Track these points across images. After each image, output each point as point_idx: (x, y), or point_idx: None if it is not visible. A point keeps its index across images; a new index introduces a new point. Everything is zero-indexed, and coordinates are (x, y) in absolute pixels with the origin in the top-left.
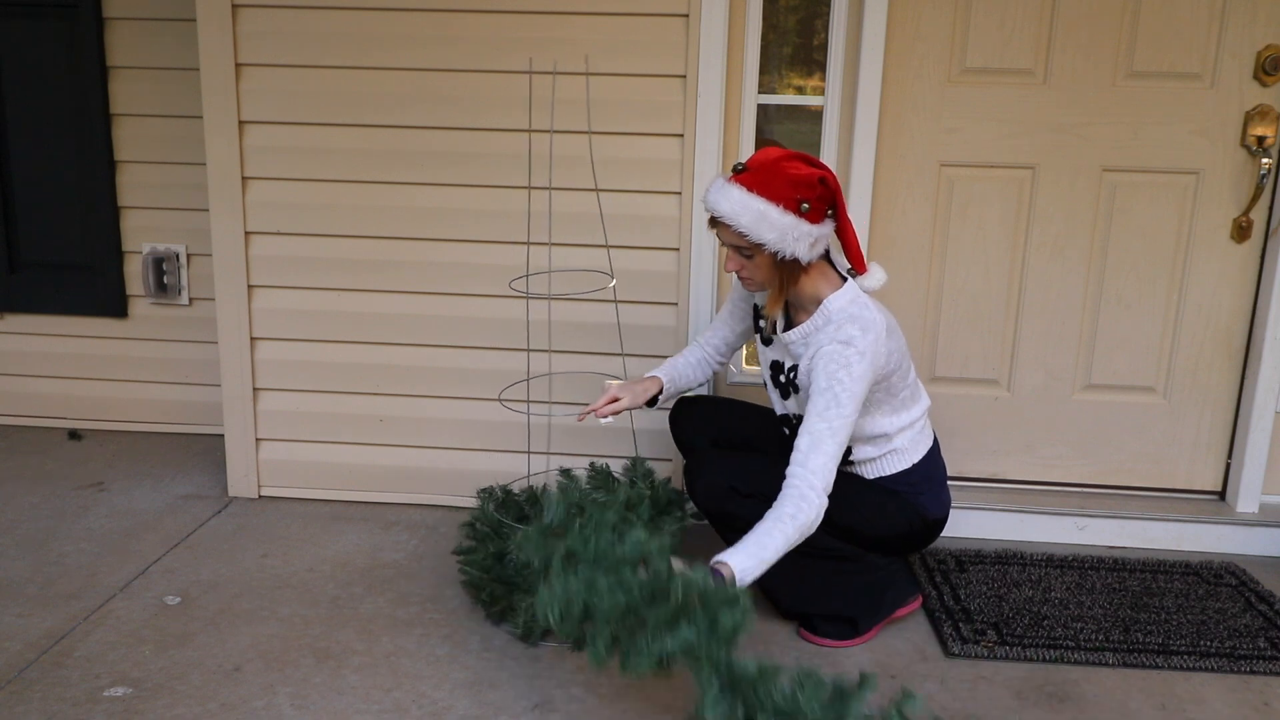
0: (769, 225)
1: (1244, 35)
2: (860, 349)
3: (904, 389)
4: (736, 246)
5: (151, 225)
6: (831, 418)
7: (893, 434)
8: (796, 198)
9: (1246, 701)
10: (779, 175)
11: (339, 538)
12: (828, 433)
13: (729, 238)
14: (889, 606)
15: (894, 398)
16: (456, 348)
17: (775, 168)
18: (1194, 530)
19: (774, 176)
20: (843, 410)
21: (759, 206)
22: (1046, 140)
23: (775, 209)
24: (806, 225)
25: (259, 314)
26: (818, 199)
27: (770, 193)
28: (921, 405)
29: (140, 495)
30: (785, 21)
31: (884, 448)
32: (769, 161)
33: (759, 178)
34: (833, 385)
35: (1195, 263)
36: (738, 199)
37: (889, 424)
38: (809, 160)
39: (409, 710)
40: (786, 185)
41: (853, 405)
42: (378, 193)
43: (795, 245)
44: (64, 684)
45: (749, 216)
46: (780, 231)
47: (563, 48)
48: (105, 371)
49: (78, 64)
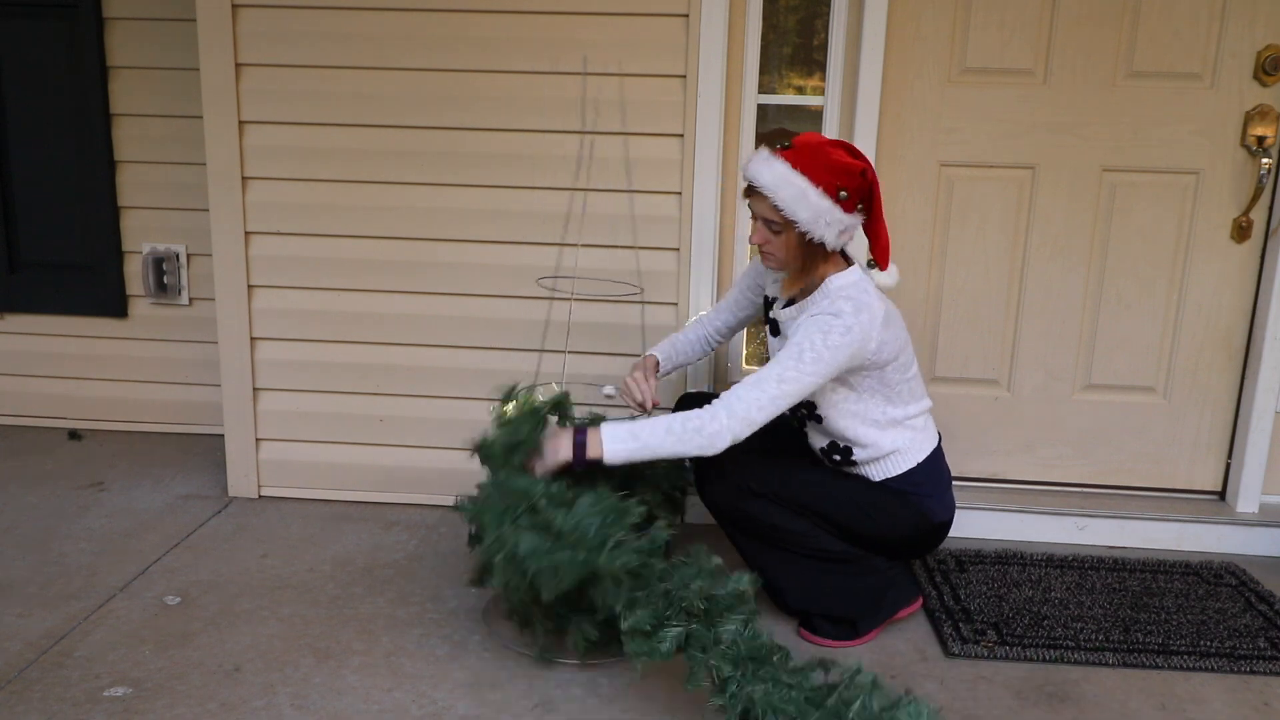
0: (806, 204)
1: (1244, 35)
2: (847, 324)
3: (900, 383)
4: (768, 220)
5: (151, 225)
6: (786, 366)
7: (886, 425)
8: (837, 184)
9: (1246, 701)
10: (823, 158)
11: (339, 538)
12: (774, 377)
13: (763, 210)
14: (890, 608)
15: (888, 388)
16: (456, 348)
17: (820, 150)
18: (1194, 530)
19: (818, 158)
20: (801, 367)
21: (800, 184)
22: (1046, 140)
23: (815, 190)
24: (840, 212)
25: (259, 314)
26: (855, 189)
27: (812, 173)
28: (920, 404)
29: (140, 495)
30: (785, 21)
31: (883, 448)
32: (814, 144)
33: (803, 157)
34: (802, 343)
35: (1195, 263)
36: (780, 172)
37: (880, 413)
38: (852, 150)
39: (409, 710)
40: (829, 170)
41: (814, 369)
42: (377, 193)
43: (826, 230)
44: (64, 684)
45: (789, 192)
46: (815, 213)
47: (564, 48)
48: (105, 371)
49: (78, 64)
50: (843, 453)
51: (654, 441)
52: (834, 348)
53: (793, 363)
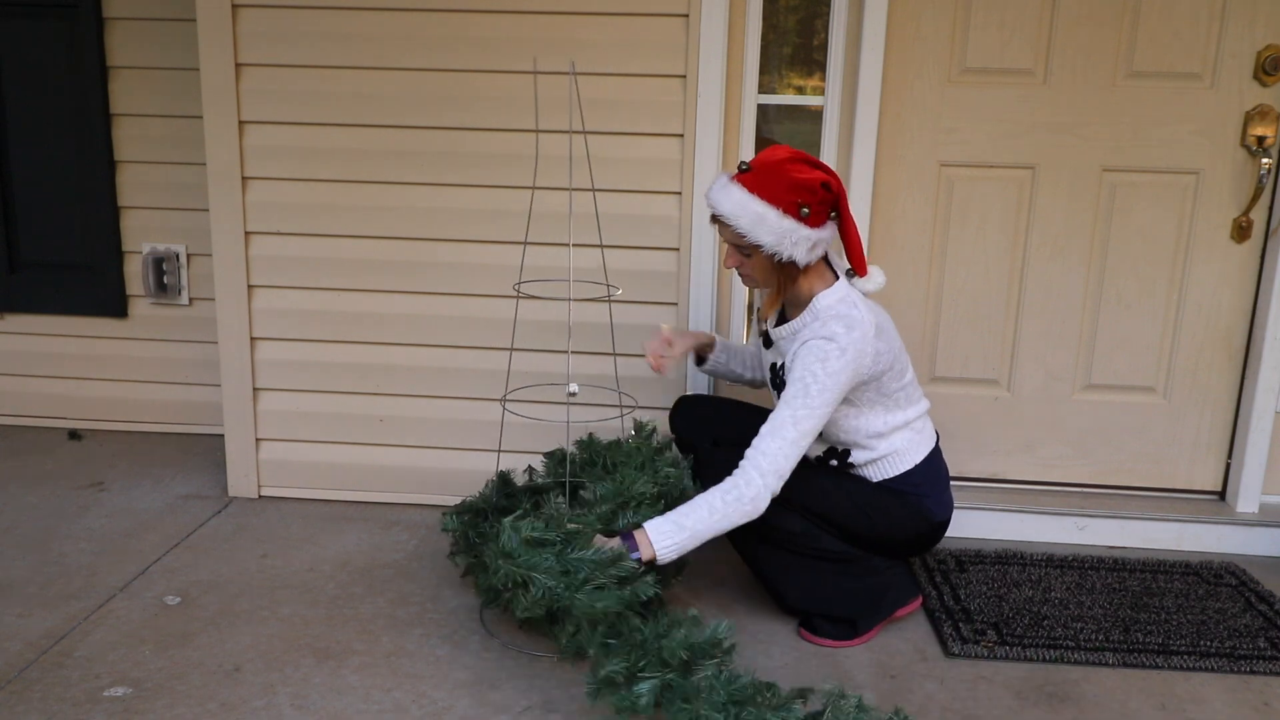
0: (767, 228)
1: (1244, 35)
2: (841, 345)
3: (898, 389)
4: (736, 245)
5: (151, 225)
6: (796, 406)
7: (886, 433)
8: (797, 201)
9: (1246, 701)
10: (781, 178)
11: (339, 538)
12: (789, 420)
13: (729, 236)
14: (889, 607)
15: (887, 397)
16: (456, 348)
17: (779, 169)
18: (1194, 530)
19: (776, 179)
20: (810, 402)
21: (758, 209)
22: (1046, 140)
23: (774, 212)
24: (806, 230)
25: (259, 314)
26: (819, 203)
27: (771, 195)
28: (919, 407)
29: (140, 495)
30: (785, 21)
31: (882, 449)
32: (773, 163)
33: (761, 179)
34: (805, 376)
35: (1195, 263)
36: (738, 199)
37: (882, 423)
38: (813, 163)
39: (409, 710)
40: (787, 189)
41: (821, 399)
42: (377, 193)
43: (793, 249)
44: (64, 684)
45: (748, 219)
46: (778, 235)
47: (563, 48)
48: (105, 371)
49: (78, 64)
50: (840, 456)
51: (701, 527)
52: (835, 373)
53: (801, 400)
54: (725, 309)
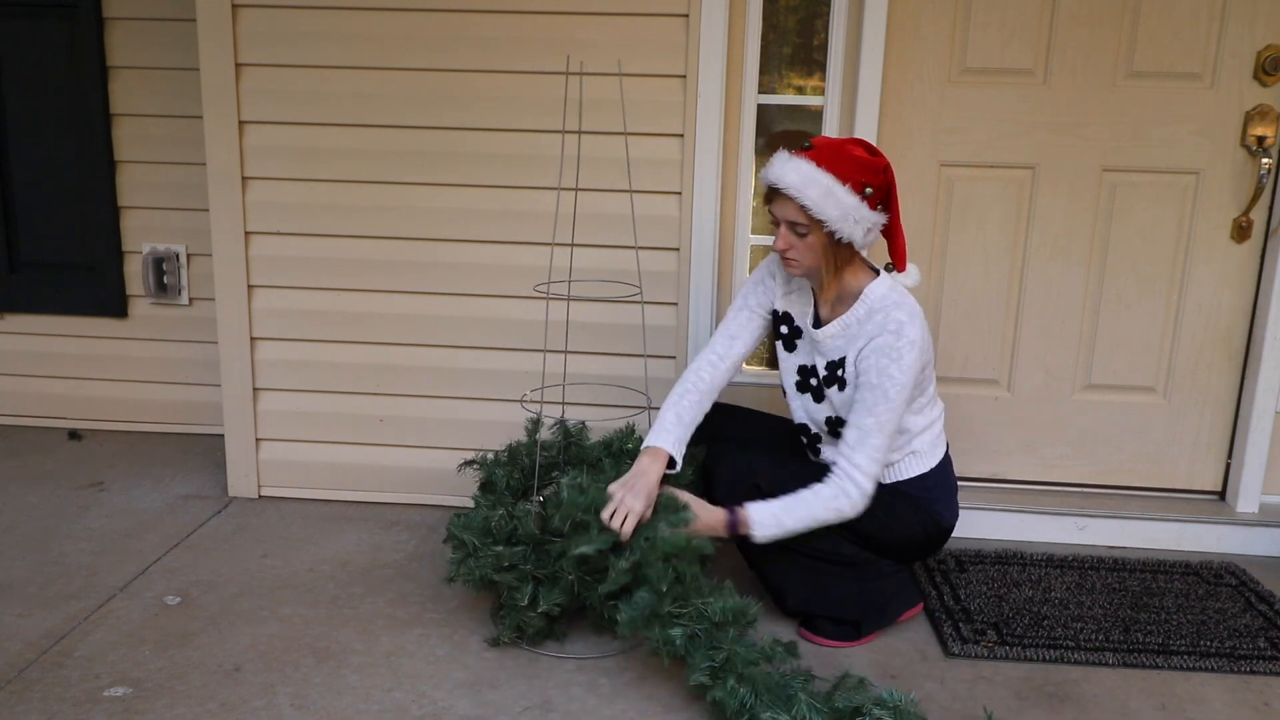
0: (834, 202)
1: (1244, 35)
2: (911, 338)
3: (930, 386)
4: (793, 223)
5: (151, 225)
6: (880, 412)
7: (915, 433)
8: (862, 180)
9: (1246, 701)
10: (846, 155)
11: (339, 538)
12: (875, 427)
13: (787, 212)
14: (894, 612)
15: (923, 394)
16: (457, 348)
17: (841, 148)
18: (1194, 530)
19: (841, 156)
20: (891, 404)
21: (826, 181)
22: (1046, 140)
23: (842, 187)
24: (867, 210)
25: (259, 314)
26: (879, 187)
27: (838, 170)
28: (939, 409)
29: (140, 495)
30: (785, 21)
31: (903, 450)
32: (835, 143)
33: (826, 155)
34: (883, 380)
35: (1195, 263)
36: (806, 171)
37: (912, 423)
38: (870, 148)
39: (409, 710)
40: (854, 166)
41: (900, 399)
42: (377, 193)
43: (854, 228)
44: (64, 684)
45: (817, 190)
46: (844, 210)
47: (563, 48)
48: (105, 371)
49: (78, 64)
50: None
51: (797, 527)
52: (908, 368)
53: (884, 405)
54: (725, 309)
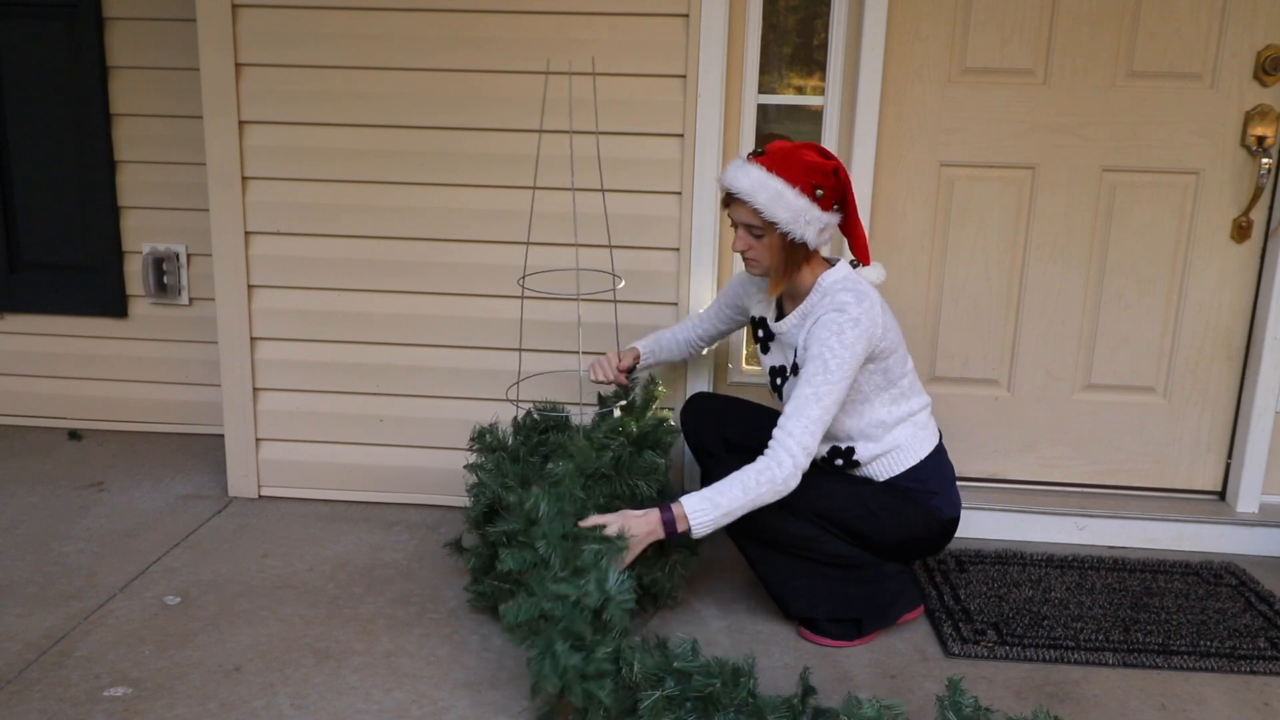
0: (784, 205)
1: (1244, 35)
2: (854, 315)
3: (902, 378)
4: (748, 225)
5: (151, 225)
6: (818, 384)
7: (891, 424)
8: (812, 183)
9: (1247, 701)
10: (797, 160)
11: (339, 538)
12: (812, 398)
13: (743, 215)
14: (896, 614)
15: (893, 385)
16: (456, 348)
17: (794, 153)
18: (1194, 530)
19: (792, 160)
20: (830, 377)
21: (776, 186)
22: (1046, 140)
23: (791, 190)
24: (818, 210)
25: (259, 314)
26: (830, 188)
27: (788, 175)
28: (921, 400)
29: (140, 495)
30: (785, 21)
31: (886, 443)
32: (787, 148)
33: (777, 160)
34: (823, 352)
35: (1195, 263)
36: (756, 177)
37: (888, 414)
38: (823, 151)
39: (409, 710)
40: (803, 170)
41: (841, 373)
42: (377, 193)
43: (806, 229)
44: (64, 684)
45: (766, 194)
46: (794, 212)
47: (563, 48)
48: (105, 371)
49: (78, 64)
50: (845, 455)
51: (734, 506)
52: (850, 344)
53: (822, 377)
54: None
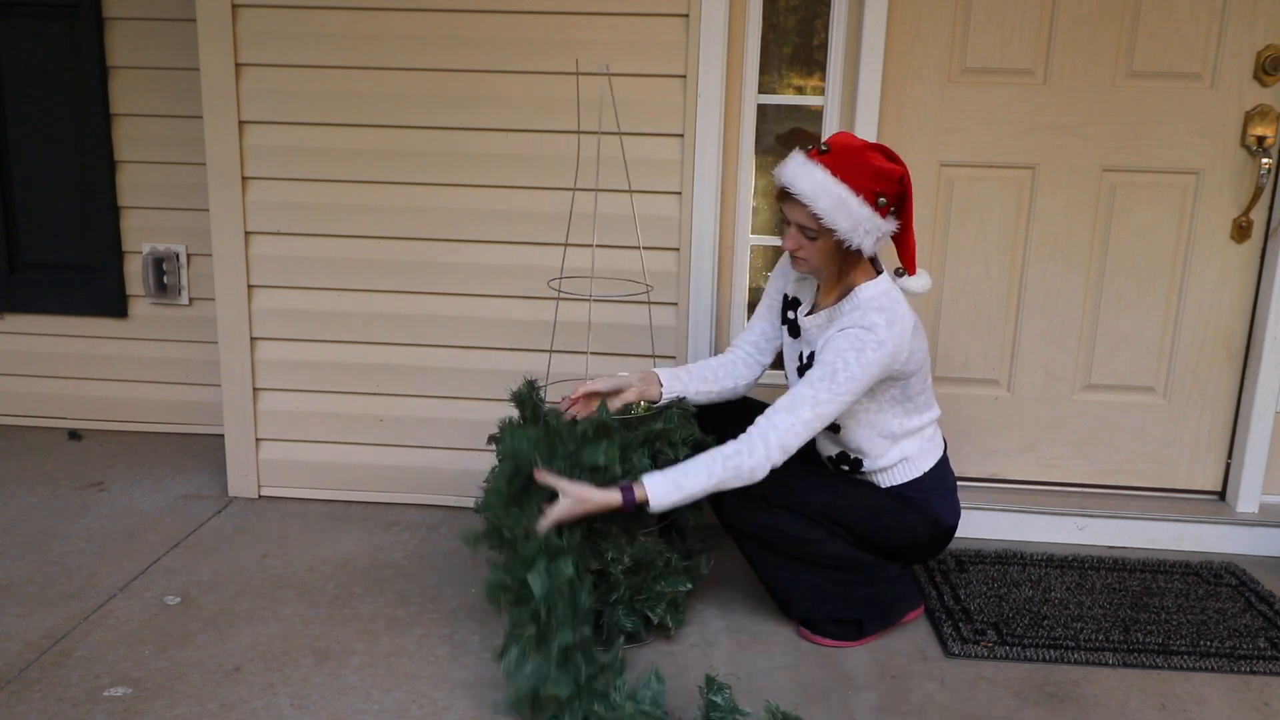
0: (846, 213)
1: (1244, 35)
2: (880, 338)
3: (920, 394)
4: (803, 227)
5: (151, 225)
6: (820, 389)
7: (900, 436)
8: (876, 190)
9: (1246, 701)
10: (863, 164)
11: (339, 538)
12: (809, 400)
13: (799, 216)
14: (896, 615)
15: (910, 400)
16: (456, 348)
17: (860, 155)
18: (1194, 530)
19: (858, 164)
20: (835, 388)
21: (840, 192)
22: (1046, 140)
23: (855, 198)
24: (879, 219)
25: (259, 314)
26: (893, 196)
27: (852, 180)
28: (932, 414)
29: (140, 495)
30: (785, 21)
31: (893, 456)
32: (853, 148)
33: (842, 162)
34: (835, 362)
35: (1195, 263)
36: (820, 180)
37: (898, 425)
38: (890, 155)
39: (409, 710)
40: (869, 176)
41: (848, 388)
42: (377, 193)
43: (864, 238)
44: (64, 684)
45: (829, 200)
46: (854, 221)
47: (563, 48)
48: (105, 371)
49: (78, 64)
50: (852, 463)
51: (696, 490)
52: (867, 364)
53: (826, 384)
54: (725, 309)
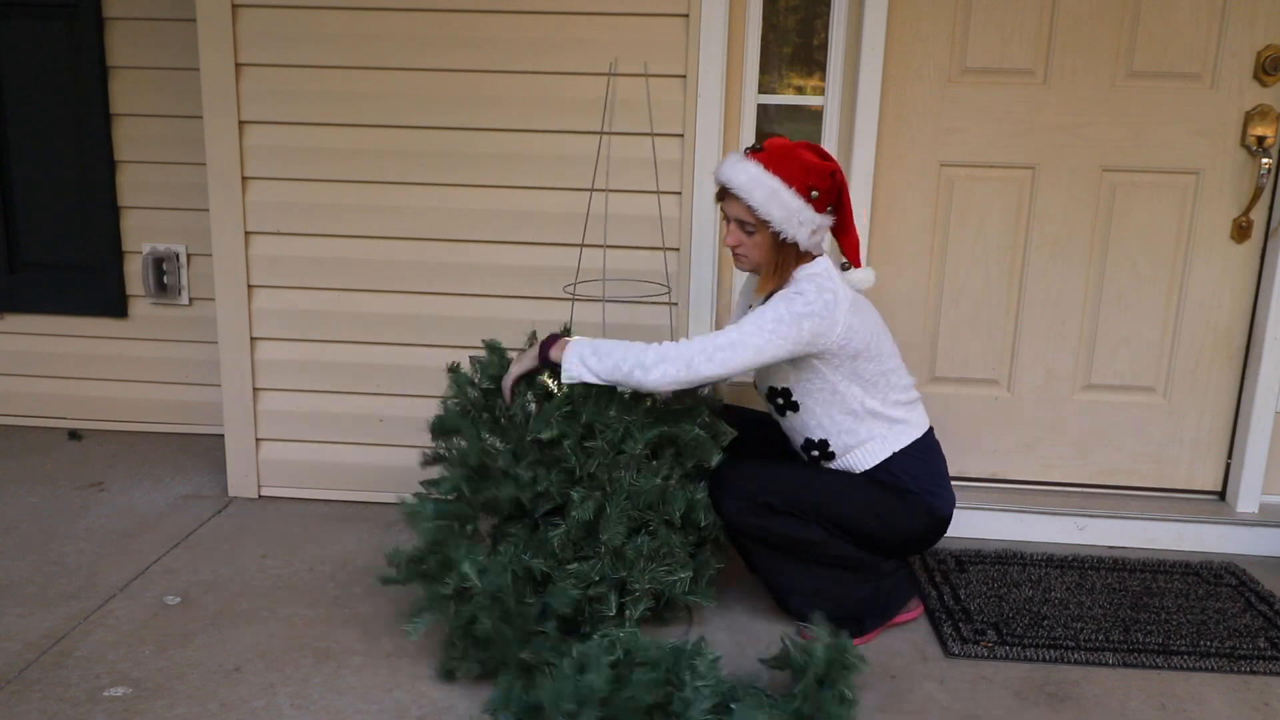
0: (779, 204)
1: (1244, 35)
2: (808, 299)
3: (878, 377)
4: (741, 221)
5: (151, 225)
6: (745, 325)
7: (863, 415)
8: (808, 184)
9: (1246, 701)
10: (795, 159)
11: (339, 538)
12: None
13: (736, 211)
14: (894, 611)
15: (864, 380)
16: (456, 348)
17: (791, 152)
18: (1194, 530)
19: (790, 160)
20: (762, 326)
21: (772, 184)
22: (1046, 140)
23: (788, 190)
24: (812, 211)
25: (259, 314)
26: (826, 190)
27: (785, 174)
28: (903, 395)
29: (140, 495)
30: (785, 21)
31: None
32: (785, 146)
33: (775, 158)
34: (765, 310)
35: (1195, 263)
36: (753, 173)
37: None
38: (821, 152)
39: (409, 710)
40: (801, 170)
41: (774, 331)
42: (377, 193)
43: (799, 229)
44: (64, 684)
45: (762, 192)
46: (788, 212)
47: (563, 48)
48: (105, 371)
49: (78, 64)
50: (819, 446)
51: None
52: (796, 314)
53: (753, 323)
54: (725, 309)
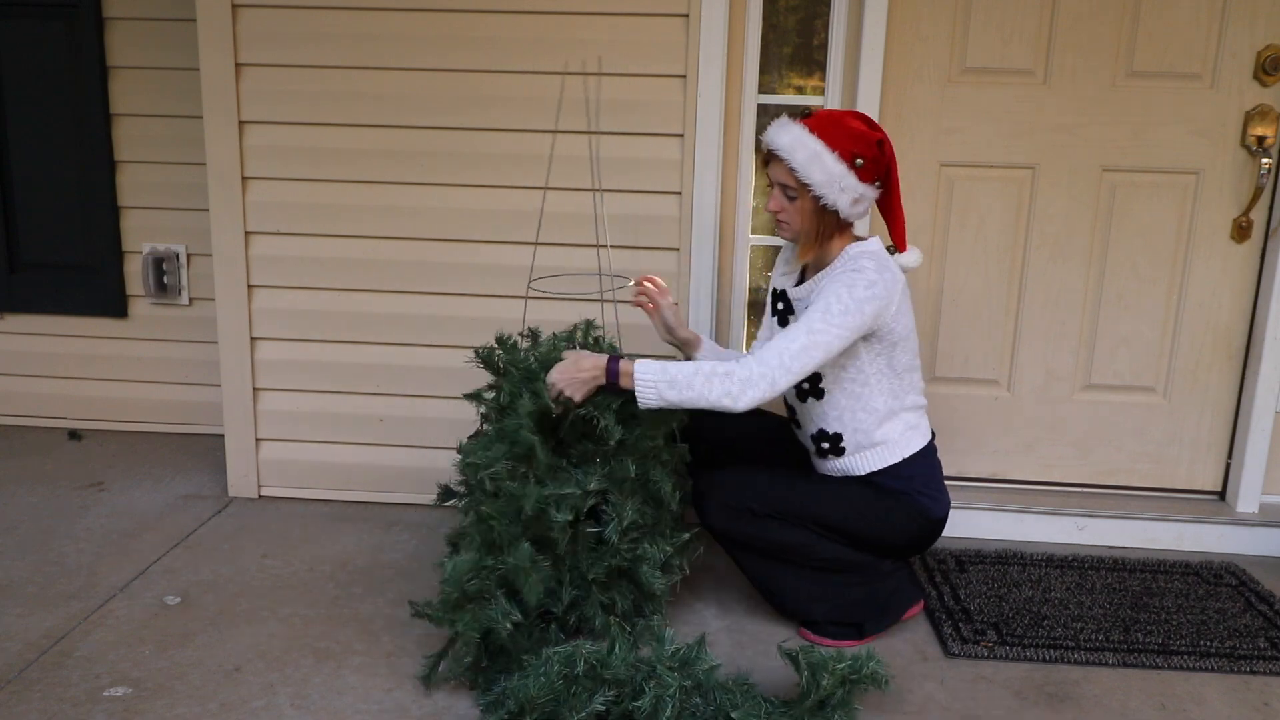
0: (820, 167)
1: (1244, 35)
2: (870, 279)
3: (907, 372)
4: (784, 186)
5: (151, 225)
6: (814, 320)
7: (884, 416)
8: (853, 151)
9: (1246, 701)
10: (840, 125)
11: (339, 538)
12: (804, 330)
13: (779, 174)
14: (895, 612)
15: (897, 377)
16: (456, 348)
17: (838, 118)
18: (1194, 530)
19: (835, 125)
20: (830, 320)
21: (815, 146)
22: (1046, 140)
23: (831, 154)
24: (854, 179)
25: (259, 314)
26: (872, 160)
27: (829, 138)
28: (915, 400)
29: (140, 495)
30: (785, 21)
31: (876, 436)
32: (833, 113)
33: (821, 123)
34: (829, 299)
35: (1195, 263)
36: (797, 135)
37: (883, 404)
38: (869, 121)
39: (409, 710)
40: (846, 137)
41: (842, 320)
42: (377, 193)
43: (840, 196)
44: (64, 684)
45: (804, 154)
46: (829, 176)
47: (563, 48)
48: (105, 371)
49: (78, 64)
50: (831, 440)
51: (682, 383)
52: (860, 300)
53: (819, 315)
54: (725, 309)
